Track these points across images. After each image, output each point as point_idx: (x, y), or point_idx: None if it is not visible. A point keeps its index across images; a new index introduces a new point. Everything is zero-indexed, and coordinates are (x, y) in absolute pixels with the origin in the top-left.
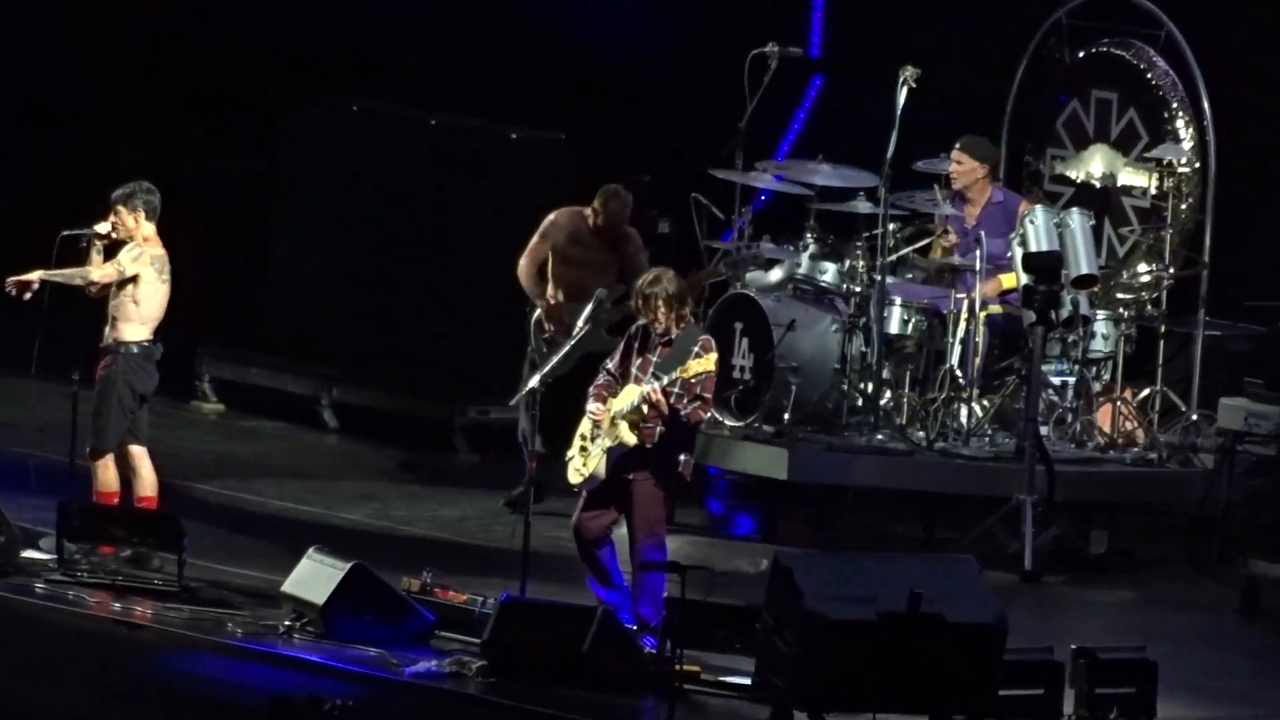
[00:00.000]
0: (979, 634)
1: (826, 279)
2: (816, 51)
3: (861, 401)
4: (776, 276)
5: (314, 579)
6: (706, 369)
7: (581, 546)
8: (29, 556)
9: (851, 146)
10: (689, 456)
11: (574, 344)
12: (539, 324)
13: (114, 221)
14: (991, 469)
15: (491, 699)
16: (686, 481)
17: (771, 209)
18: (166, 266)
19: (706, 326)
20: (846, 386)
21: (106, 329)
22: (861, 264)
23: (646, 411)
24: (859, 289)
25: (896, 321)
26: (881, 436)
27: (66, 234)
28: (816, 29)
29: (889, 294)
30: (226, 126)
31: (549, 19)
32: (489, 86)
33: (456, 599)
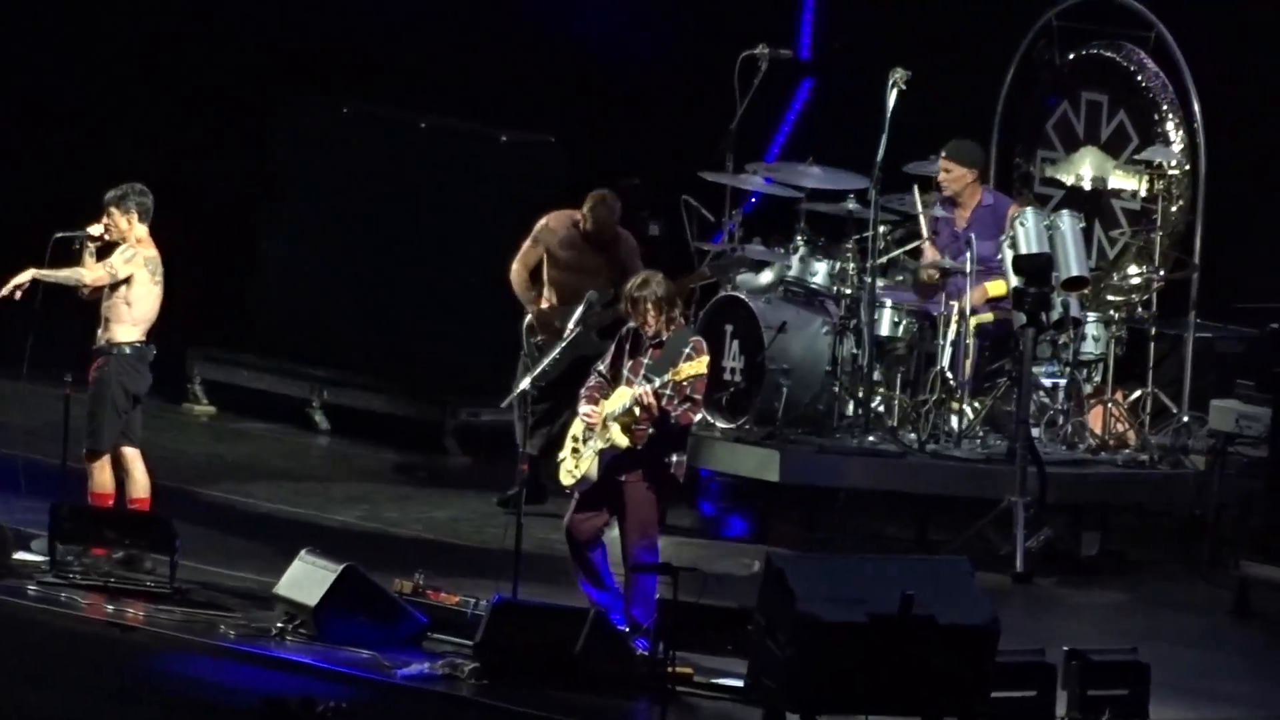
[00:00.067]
0: (971, 636)
1: (817, 281)
2: (806, 54)
3: (852, 404)
4: (767, 278)
5: (306, 581)
6: (698, 371)
7: (573, 548)
8: (21, 558)
9: (842, 149)
10: (682, 458)
11: (564, 346)
12: (530, 328)
13: (107, 223)
14: (983, 471)
15: (484, 701)
16: (680, 483)
17: (762, 211)
18: (159, 268)
19: (697, 328)
20: (837, 389)
21: (99, 330)
22: (852, 266)
23: (638, 414)
24: (849, 291)
25: (887, 324)
26: (873, 438)
27: (60, 236)
28: (807, 31)
29: (879, 296)
30: (218, 127)
31: (540, 21)
32: (480, 88)
33: (449, 601)
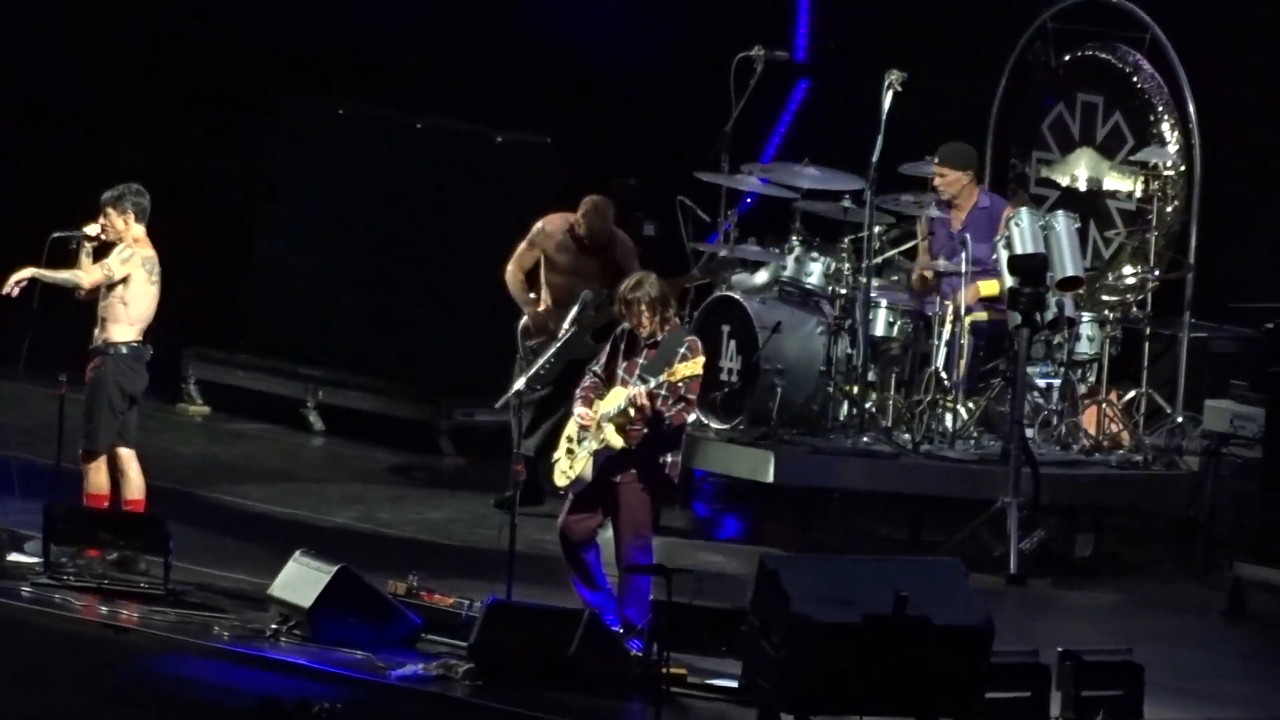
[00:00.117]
0: (965, 636)
1: (812, 281)
2: (802, 55)
3: (847, 404)
4: (762, 279)
5: (300, 582)
6: (694, 372)
7: (567, 549)
8: (15, 560)
9: (837, 150)
10: (676, 459)
11: (559, 347)
12: (525, 330)
13: (103, 223)
14: (977, 472)
15: (478, 702)
16: (675, 484)
17: (757, 212)
18: (156, 268)
19: (692, 328)
20: (832, 389)
21: (96, 330)
22: (847, 266)
23: (633, 415)
24: (844, 291)
25: (882, 324)
26: (867, 439)
27: (57, 236)
28: (802, 33)
29: (874, 297)
30: (218, 127)
31: (536, 22)
32: (476, 89)
33: (443, 602)
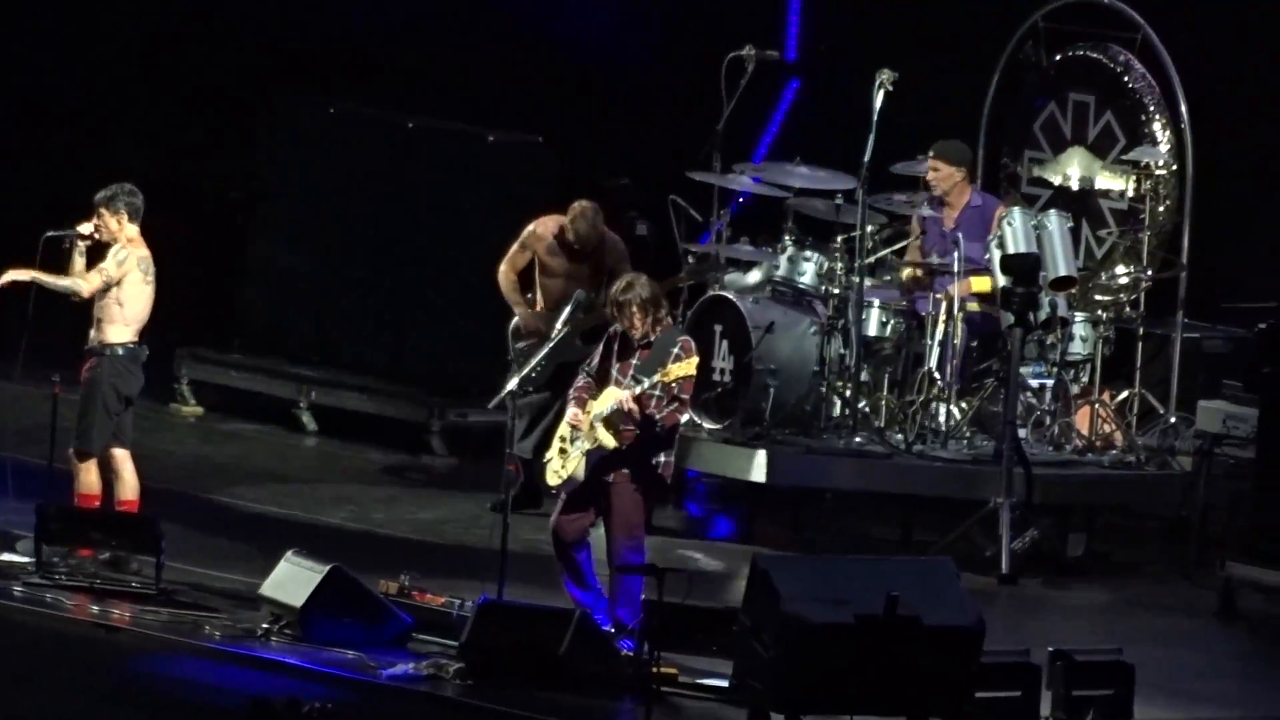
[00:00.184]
0: (956, 636)
1: (805, 281)
2: (793, 55)
3: (840, 404)
4: (755, 278)
5: (292, 582)
6: (688, 372)
7: (559, 548)
8: (7, 559)
9: (829, 149)
10: (669, 458)
11: (552, 347)
12: (515, 331)
13: (97, 224)
14: (969, 472)
15: (469, 701)
16: (668, 483)
17: (749, 211)
18: (151, 268)
19: (685, 328)
20: (825, 389)
21: (91, 331)
22: (840, 266)
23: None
24: (837, 291)
25: (875, 324)
26: (860, 439)
27: (50, 235)
28: (793, 32)
29: (867, 296)
30: (218, 127)
31: (529, 23)
32: (468, 89)
33: (434, 602)
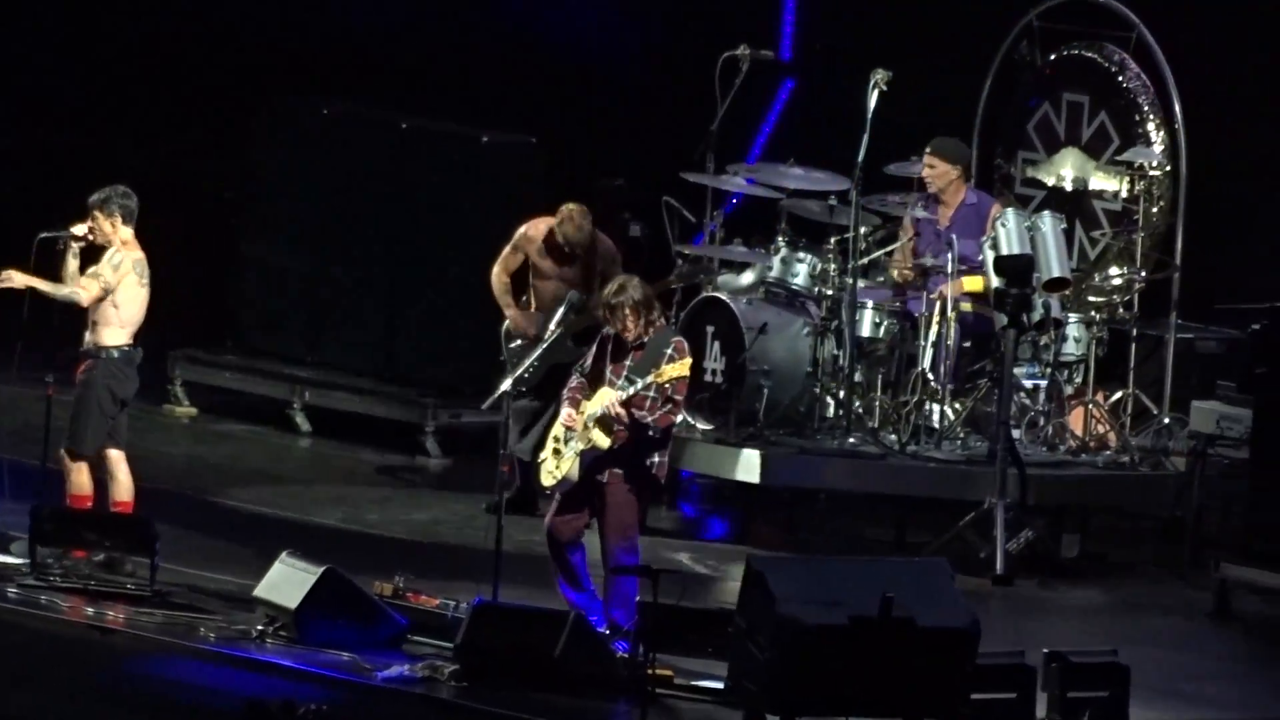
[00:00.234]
0: (951, 638)
1: (798, 282)
2: (788, 55)
3: (833, 405)
4: (748, 279)
5: (286, 583)
6: (681, 373)
7: (554, 549)
8: (1, 561)
9: (823, 149)
10: (663, 459)
11: (546, 348)
12: (509, 333)
13: (91, 226)
14: (963, 472)
15: (464, 703)
16: (662, 484)
17: (743, 212)
18: (146, 270)
19: (678, 329)
20: (818, 390)
21: (87, 333)
22: (833, 267)
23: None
24: (830, 292)
25: (868, 324)
26: (854, 440)
27: (44, 236)
28: (787, 32)
29: (860, 297)
30: (211, 128)
31: (522, 23)
32: (462, 89)
33: (429, 603)
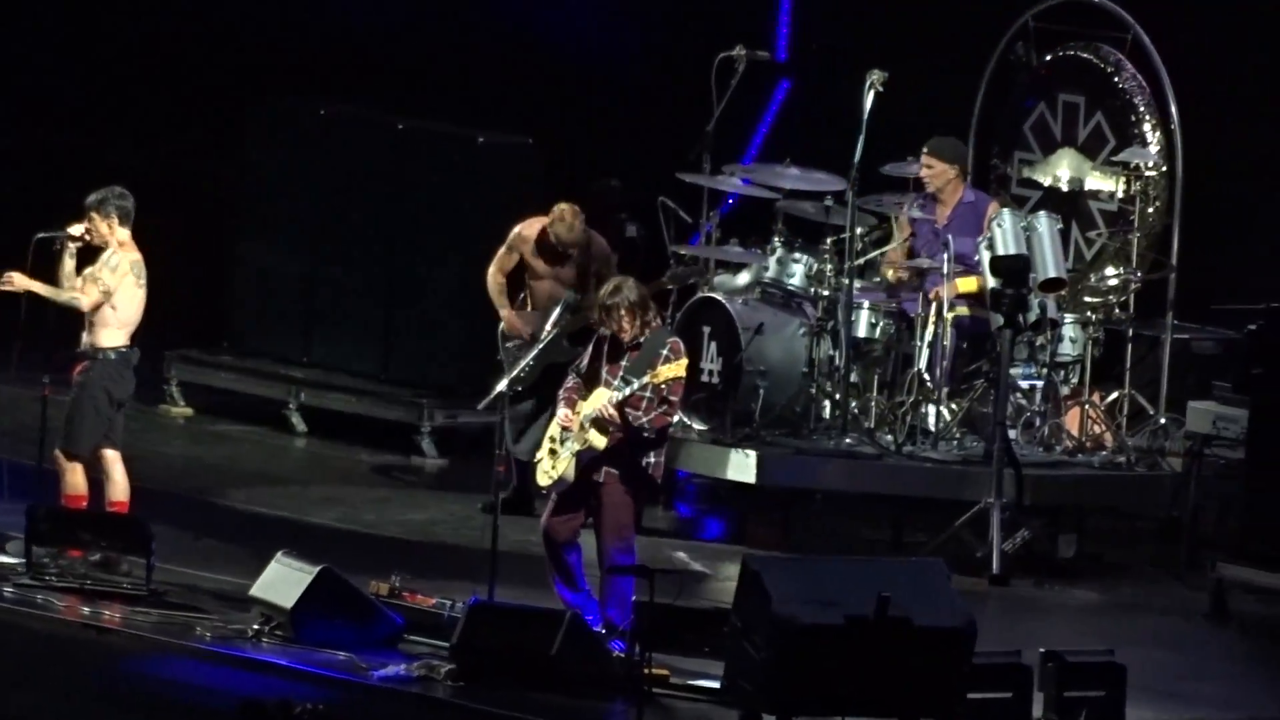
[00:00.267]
0: (947, 637)
1: (794, 283)
2: (784, 55)
3: (829, 405)
4: (744, 280)
5: (283, 583)
6: (677, 374)
7: (550, 549)
8: None
9: (819, 150)
10: (659, 459)
11: (541, 348)
12: (504, 333)
13: (88, 227)
14: (959, 473)
15: (460, 703)
16: (658, 484)
17: (739, 212)
18: (143, 270)
19: (674, 329)
20: (815, 390)
21: (83, 334)
22: (829, 267)
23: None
24: (827, 292)
25: (864, 325)
26: (850, 440)
27: (41, 236)
28: (783, 33)
29: (856, 298)
30: (211, 128)
31: (518, 23)
32: (458, 90)
33: (425, 603)
